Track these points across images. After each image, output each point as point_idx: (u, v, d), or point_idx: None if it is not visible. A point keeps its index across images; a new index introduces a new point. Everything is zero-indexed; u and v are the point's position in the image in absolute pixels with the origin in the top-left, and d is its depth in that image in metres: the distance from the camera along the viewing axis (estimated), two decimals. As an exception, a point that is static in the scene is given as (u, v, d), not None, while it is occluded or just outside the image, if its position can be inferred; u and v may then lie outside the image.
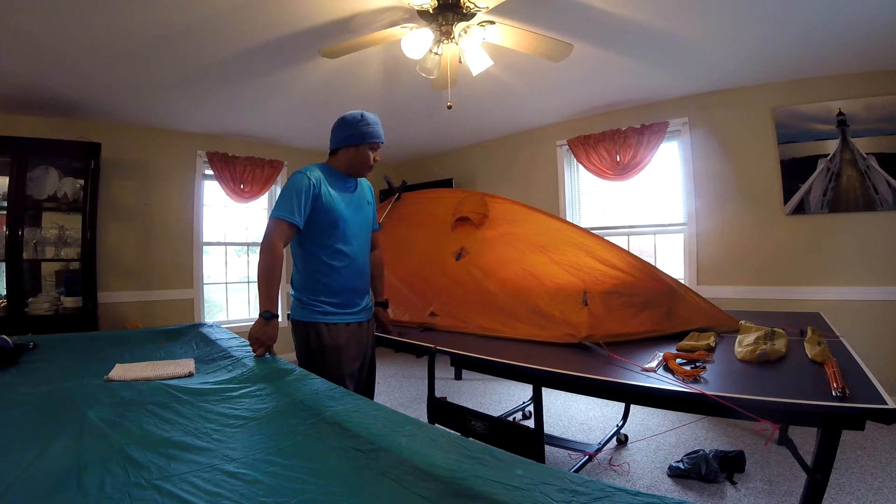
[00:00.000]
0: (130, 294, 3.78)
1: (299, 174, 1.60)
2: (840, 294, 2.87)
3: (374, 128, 1.69)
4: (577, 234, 2.13)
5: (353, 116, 1.68)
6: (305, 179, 1.58)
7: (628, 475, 2.19)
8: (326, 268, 1.64)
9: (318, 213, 1.60)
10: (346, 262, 1.67)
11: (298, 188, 1.57)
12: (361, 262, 1.76)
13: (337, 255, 1.65)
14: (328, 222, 1.62)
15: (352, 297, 1.72)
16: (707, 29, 2.42)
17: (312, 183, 1.58)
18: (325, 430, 0.97)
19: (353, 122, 1.67)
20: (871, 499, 1.87)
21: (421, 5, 2.02)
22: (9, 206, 2.99)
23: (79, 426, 0.97)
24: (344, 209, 1.66)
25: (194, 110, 3.58)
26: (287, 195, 1.57)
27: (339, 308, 1.68)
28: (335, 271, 1.65)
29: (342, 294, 1.68)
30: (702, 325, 1.80)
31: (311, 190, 1.58)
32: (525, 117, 4.07)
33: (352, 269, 1.70)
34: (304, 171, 1.62)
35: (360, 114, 1.68)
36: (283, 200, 1.57)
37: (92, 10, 2.08)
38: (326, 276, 1.65)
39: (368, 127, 1.67)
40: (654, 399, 1.29)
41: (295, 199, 1.56)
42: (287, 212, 1.55)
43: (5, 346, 1.60)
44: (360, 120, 1.67)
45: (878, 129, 2.80)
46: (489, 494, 0.67)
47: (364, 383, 1.82)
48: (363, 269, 1.78)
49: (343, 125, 1.68)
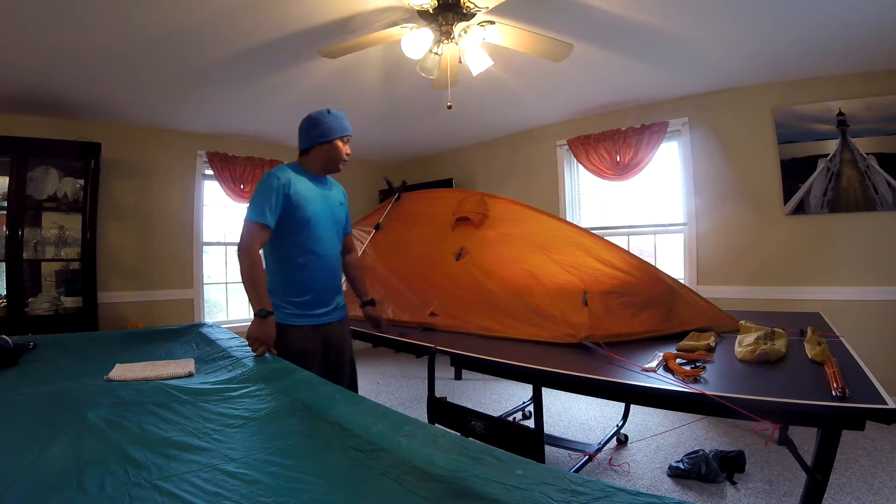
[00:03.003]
0: (130, 294, 3.78)
1: (269, 175, 1.62)
2: (840, 294, 2.87)
3: (343, 121, 1.72)
4: (576, 234, 2.13)
5: (321, 114, 1.70)
6: (275, 180, 1.59)
7: (628, 475, 2.19)
8: (298, 267, 1.66)
9: (288, 212, 1.61)
10: (316, 261, 1.68)
11: (269, 189, 1.58)
12: (332, 260, 1.77)
13: (308, 253, 1.66)
14: (299, 221, 1.63)
15: (323, 297, 1.72)
16: (707, 29, 2.42)
17: (282, 183, 1.60)
18: (325, 430, 0.97)
19: (322, 119, 1.69)
20: (871, 499, 1.87)
21: (421, 5, 2.02)
22: (9, 206, 2.99)
23: (79, 426, 0.97)
24: (315, 208, 1.67)
25: (194, 110, 3.58)
26: (258, 197, 1.59)
27: (308, 309, 1.68)
28: (306, 270, 1.67)
29: (313, 293, 1.69)
30: (702, 325, 1.80)
31: (280, 190, 1.59)
32: (525, 117, 4.07)
33: (323, 268, 1.71)
34: (275, 171, 1.64)
35: (326, 110, 1.70)
36: (255, 203, 1.59)
37: (92, 10, 2.08)
38: (297, 274, 1.66)
39: (337, 121, 1.70)
40: (654, 399, 1.29)
41: (265, 200, 1.57)
42: (259, 214, 1.56)
43: (5, 346, 1.60)
44: (329, 116, 1.69)
45: (878, 129, 2.80)
46: (489, 494, 0.67)
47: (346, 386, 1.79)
48: (334, 268, 1.79)
49: (312, 123, 1.70)
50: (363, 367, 4.32)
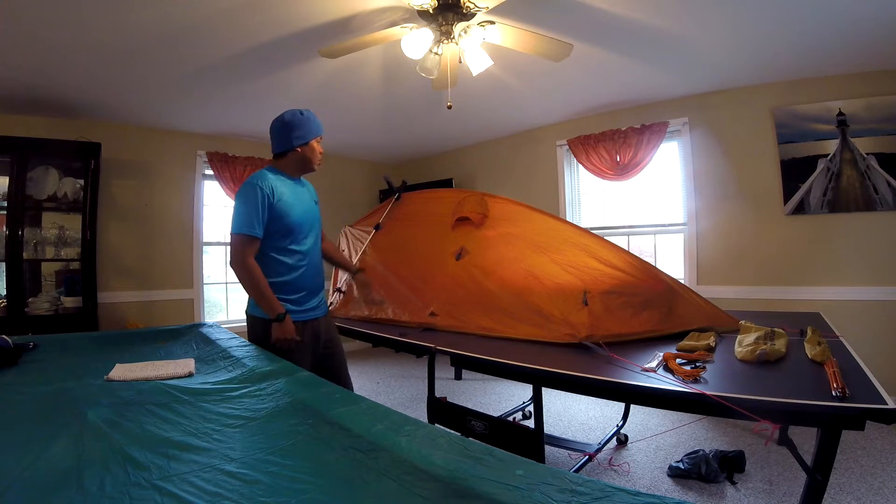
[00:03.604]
0: (130, 294, 3.78)
1: (251, 186, 1.63)
2: (840, 294, 2.87)
3: (317, 122, 1.76)
4: (576, 234, 2.13)
5: (294, 115, 1.70)
6: (258, 191, 1.62)
7: (628, 475, 2.19)
8: (285, 268, 1.72)
9: (274, 219, 1.65)
10: (302, 261, 1.76)
11: (254, 201, 1.61)
12: (316, 259, 1.85)
13: (294, 255, 1.73)
14: (285, 226, 1.68)
15: (310, 294, 1.80)
16: (707, 29, 2.42)
17: (266, 193, 1.63)
18: (325, 430, 0.97)
19: (298, 121, 1.70)
20: (871, 499, 1.87)
21: (421, 5, 2.02)
22: (9, 206, 2.99)
23: (79, 426, 0.97)
24: (297, 211, 1.72)
25: (194, 110, 3.58)
26: (244, 209, 1.62)
27: (298, 305, 1.75)
28: (294, 270, 1.73)
29: (302, 291, 1.76)
30: (702, 325, 1.79)
31: (265, 201, 1.62)
32: (525, 117, 4.07)
33: (309, 267, 1.78)
34: (256, 181, 1.64)
35: (298, 111, 1.71)
36: (242, 215, 1.62)
37: (92, 9, 2.08)
38: (285, 275, 1.72)
39: (312, 123, 1.74)
40: (654, 399, 1.29)
41: (252, 211, 1.61)
42: (248, 226, 1.61)
43: (5, 346, 1.60)
44: (303, 117, 1.71)
45: (878, 129, 2.80)
46: (489, 494, 0.67)
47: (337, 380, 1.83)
48: (318, 266, 1.86)
49: (287, 127, 1.70)
50: (363, 367, 4.34)
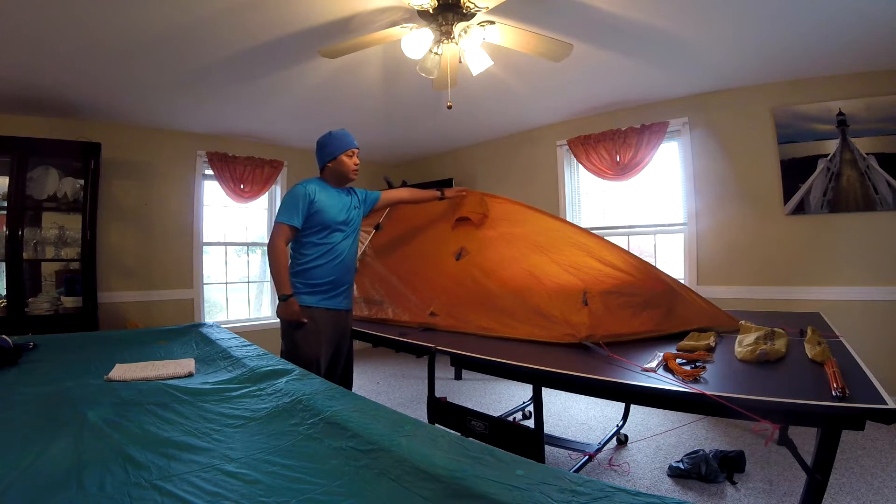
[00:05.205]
0: (130, 294, 3.78)
1: (299, 185, 1.99)
2: (840, 294, 2.87)
3: (344, 139, 2.05)
4: (576, 234, 2.13)
5: (325, 136, 2.06)
6: (302, 189, 1.96)
7: (628, 475, 2.19)
8: (318, 259, 1.97)
9: (313, 216, 1.96)
10: (335, 258, 2.00)
11: (297, 197, 1.94)
12: (349, 260, 2.07)
13: (328, 250, 1.98)
14: (318, 222, 1.97)
15: (336, 286, 2.02)
16: (707, 29, 2.41)
17: (308, 192, 1.95)
18: (325, 430, 0.97)
19: (326, 141, 2.05)
20: (871, 499, 1.87)
21: (421, 5, 2.02)
22: (9, 206, 2.99)
23: (79, 426, 0.97)
24: (331, 213, 1.99)
25: (194, 110, 3.58)
26: (288, 203, 1.95)
27: (323, 294, 1.98)
28: (326, 263, 1.98)
29: (328, 283, 1.99)
30: (702, 325, 1.80)
31: (306, 198, 1.94)
32: (525, 117, 4.07)
33: (341, 265, 2.02)
34: (303, 183, 2.00)
35: (328, 133, 2.06)
36: (285, 208, 1.95)
37: (92, 9, 2.08)
38: (318, 266, 1.97)
39: (339, 140, 2.04)
40: (654, 399, 1.29)
41: (293, 206, 1.93)
42: (287, 217, 1.93)
43: (5, 345, 1.60)
44: (331, 137, 2.05)
45: (878, 129, 2.80)
46: (489, 494, 0.67)
47: (342, 372, 2.10)
48: (350, 266, 2.09)
49: (319, 146, 2.07)
50: (363, 367, 4.34)
